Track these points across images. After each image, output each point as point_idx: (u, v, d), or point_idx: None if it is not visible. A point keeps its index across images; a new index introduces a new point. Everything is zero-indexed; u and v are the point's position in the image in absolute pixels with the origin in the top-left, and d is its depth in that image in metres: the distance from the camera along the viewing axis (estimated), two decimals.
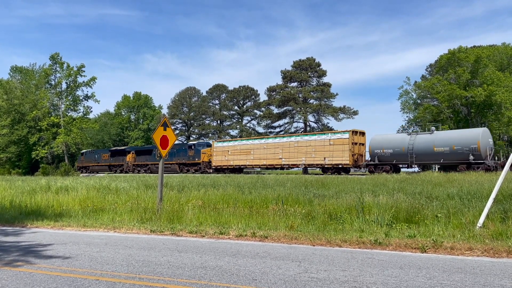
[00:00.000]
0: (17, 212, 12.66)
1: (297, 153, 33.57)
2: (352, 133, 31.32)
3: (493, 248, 6.52)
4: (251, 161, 37.03)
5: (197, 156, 41.80)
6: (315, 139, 32.98)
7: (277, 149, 35.09)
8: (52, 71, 54.08)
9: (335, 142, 31.31)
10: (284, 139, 35.80)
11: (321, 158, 32.07)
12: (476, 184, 13.71)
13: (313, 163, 32.90)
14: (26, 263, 5.93)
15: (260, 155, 36.31)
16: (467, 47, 48.01)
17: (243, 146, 37.94)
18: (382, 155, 29.43)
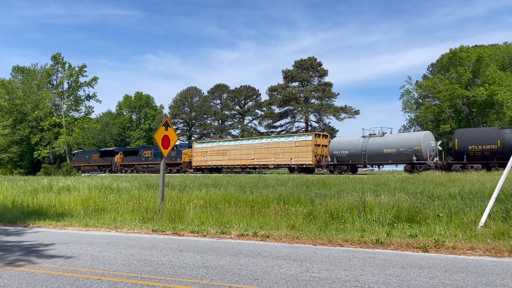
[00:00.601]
0: (19, 212, 12.69)
1: (267, 154, 35.74)
2: (315, 135, 33.71)
3: (495, 248, 6.51)
4: (227, 161, 39.25)
5: (179, 156, 43.61)
6: (283, 141, 35.33)
7: (250, 150, 37.29)
8: (54, 71, 54.22)
9: (300, 144, 33.54)
10: (256, 141, 38.00)
11: (288, 159, 34.25)
12: (478, 184, 13.69)
13: (281, 163, 35.15)
14: (28, 263, 5.95)
15: (235, 155, 38.41)
16: (469, 46, 47.94)
17: (220, 148, 40.11)
18: (340, 156, 31.35)
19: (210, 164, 40.20)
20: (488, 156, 25.41)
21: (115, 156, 50.90)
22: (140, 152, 47.81)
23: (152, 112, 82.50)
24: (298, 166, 33.45)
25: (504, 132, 25.25)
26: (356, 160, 30.57)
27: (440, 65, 50.48)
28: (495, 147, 24.95)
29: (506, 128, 26.42)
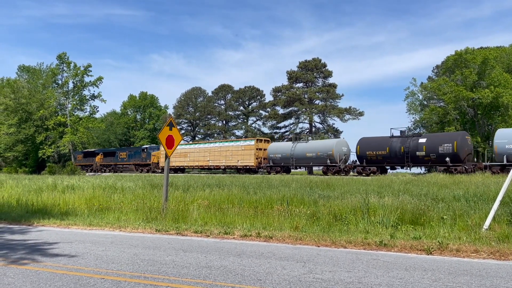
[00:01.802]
0: (24, 211, 12.76)
1: (219, 157, 40.53)
2: (257, 140, 38.86)
3: (499, 251, 6.48)
4: (187, 162, 43.78)
5: (148, 158, 48.15)
6: (232, 145, 40.29)
7: (206, 153, 42.19)
8: (59, 70, 54.42)
9: (245, 148, 38.34)
10: (211, 145, 43.17)
11: (236, 161, 39.01)
12: (482, 186, 13.63)
13: (230, 164, 39.74)
14: (32, 261, 5.98)
15: (194, 157, 43.16)
16: (474, 48, 47.71)
17: (182, 150, 43.83)
18: (275, 158, 36.35)
19: (174, 165, 43.83)
20: (381, 160, 30.29)
21: (96, 156, 55.07)
22: (117, 153, 52.44)
23: (156, 112, 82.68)
24: (243, 167, 38.10)
25: (392, 140, 30.18)
26: (287, 162, 35.55)
27: (445, 66, 50.26)
28: (385, 153, 29.88)
29: (393, 137, 30.92)
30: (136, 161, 49.94)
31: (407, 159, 28.67)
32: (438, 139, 28.31)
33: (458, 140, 27.01)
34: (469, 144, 27.95)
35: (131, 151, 51.82)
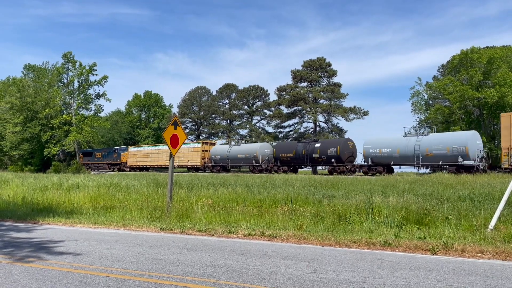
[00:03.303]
0: (29, 209, 12.83)
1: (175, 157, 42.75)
2: (203, 143, 44.60)
3: (505, 251, 6.45)
4: (149, 162, 48.89)
5: (118, 158, 53.65)
6: (184, 147, 44.41)
7: (163, 154, 46.87)
8: (65, 69, 54.69)
9: (194, 149, 44.06)
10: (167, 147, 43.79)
11: (186, 160, 44.62)
12: (487, 186, 13.57)
13: (182, 164, 45.02)
14: (37, 259, 6.01)
15: (154, 158, 48.39)
16: (480, 47, 47.43)
17: (144, 151, 50.28)
18: (216, 159, 42.37)
19: (139, 164, 49.82)
20: (290, 161, 36.51)
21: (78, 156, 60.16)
22: (93, 154, 56.69)
23: (161, 111, 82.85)
24: (192, 166, 44.13)
25: (297, 145, 36.89)
26: (224, 162, 41.22)
27: (450, 66, 50.02)
28: (292, 155, 36.12)
29: (299, 142, 38.89)
30: (108, 161, 54.92)
31: (307, 160, 35.22)
32: (327, 144, 34.93)
33: (341, 145, 33.43)
34: (350, 149, 33.65)
35: (105, 151, 56.54)
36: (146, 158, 49.22)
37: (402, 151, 28.69)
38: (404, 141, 29.01)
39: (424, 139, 28.12)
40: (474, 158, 25.47)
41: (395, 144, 29.57)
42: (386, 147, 29.87)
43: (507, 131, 23.74)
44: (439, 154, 26.77)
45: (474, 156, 25.50)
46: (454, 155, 26.03)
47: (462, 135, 27.68)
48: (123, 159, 53.03)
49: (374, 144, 30.53)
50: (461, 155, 25.71)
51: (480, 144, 26.97)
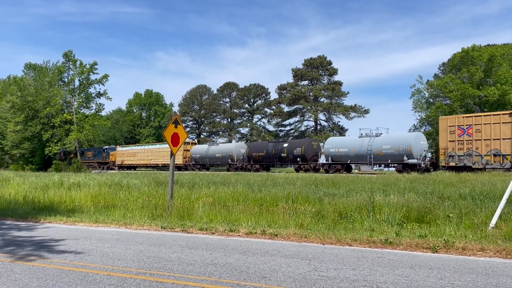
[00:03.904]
0: (31, 208, 12.85)
1: (158, 156, 48.63)
2: (185, 143, 44.99)
3: (506, 249, 6.45)
4: (136, 161, 51.61)
5: (107, 157, 56.22)
6: (167, 146, 44.19)
7: (148, 153, 50.12)
8: (65, 68, 54.60)
9: None
10: (152, 146, 51.51)
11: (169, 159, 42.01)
12: (488, 185, 13.56)
13: (165, 162, 46.41)
14: (39, 258, 6.03)
15: (140, 157, 51.35)
16: (481, 45, 47.33)
17: (131, 151, 53.39)
18: (196, 158, 45.09)
19: (127, 163, 52.48)
20: (261, 160, 39.01)
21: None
22: (85, 153, 59.16)
23: (161, 110, 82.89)
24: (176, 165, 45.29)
25: (268, 145, 39.58)
26: (203, 161, 44.12)
27: (451, 64, 49.93)
28: (264, 154, 38.68)
29: (270, 142, 41.55)
30: (98, 160, 57.38)
31: (276, 159, 37.51)
32: (293, 144, 37.08)
33: (305, 145, 35.82)
34: (314, 149, 35.66)
35: (95, 151, 58.63)
36: (133, 157, 52.03)
37: (357, 151, 31.09)
38: (359, 141, 31.38)
39: (375, 139, 30.45)
40: (418, 157, 28.04)
41: (351, 144, 31.94)
42: (344, 147, 32.28)
43: (444, 133, 26.37)
44: (388, 153, 29.31)
45: (417, 156, 28.05)
46: (400, 154, 28.48)
47: (407, 136, 30.54)
48: (112, 158, 55.21)
49: (333, 144, 32.98)
50: (406, 154, 28.25)
51: (424, 144, 29.31)
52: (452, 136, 26.10)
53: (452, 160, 26.04)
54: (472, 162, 25.07)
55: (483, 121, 25.15)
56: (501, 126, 24.19)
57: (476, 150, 25.00)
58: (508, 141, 23.68)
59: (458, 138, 25.81)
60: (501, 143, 24.01)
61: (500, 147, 23.99)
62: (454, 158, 25.88)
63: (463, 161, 25.50)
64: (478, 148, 24.95)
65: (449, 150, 26.15)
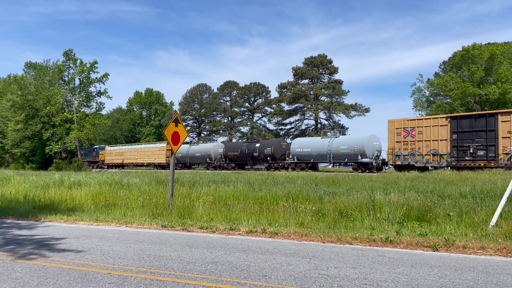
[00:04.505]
0: (31, 206, 12.86)
1: (143, 155, 51.01)
2: (167, 143, 49.12)
3: (506, 248, 6.45)
4: (124, 160, 53.45)
5: (97, 156, 58.12)
6: (151, 146, 50.93)
7: (134, 152, 52.37)
8: (66, 67, 54.58)
9: (160, 149, 48.74)
10: (138, 146, 54.07)
11: (153, 158, 49.50)
12: (489, 183, 13.55)
13: (150, 161, 49.70)
14: (39, 256, 6.03)
15: (127, 156, 53.42)
16: (481, 44, 47.31)
17: (119, 150, 55.23)
18: (178, 157, 45.89)
19: (115, 162, 54.43)
20: (236, 159, 40.86)
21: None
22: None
23: (162, 109, 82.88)
24: (158, 164, 48.70)
25: (242, 145, 41.92)
26: (184, 160, 46.53)
27: (452, 63, 49.92)
28: (238, 154, 40.73)
29: (244, 142, 44.77)
30: (89, 159, 58.54)
31: (249, 158, 39.73)
32: (264, 144, 39.57)
33: (275, 145, 38.26)
34: (283, 148, 37.77)
35: (86, 150, 59.87)
36: (120, 156, 54.20)
37: (318, 151, 33.72)
38: (321, 142, 34.22)
39: (335, 140, 33.29)
40: (370, 156, 30.54)
41: (314, 144, 34.56)
42: (308, 147, 34.82)
43: (392, 135, 28.63)
44: (345, 153, 32.06)
45: (370, 155, 30.55)
46: (355, 154, 31.11)
47: (361, 137, 32.44)
48: (101, 157, 56.89)
49: (299, 145, 35.61)
50: (360, 154, 30.86)
51: (377, 145, 31.58)
52: (399, 138, 28.21)
53: (398, 159, 28.31)
54: (415, 161, 27.42)
55: (424, 124, 27.34)
56: (439, 129, 26.46)
57: (418, 150, 27.26)
58: (445, 142, 26.09)
59: (403, 139, 27.98)
60: (438, 144, 26.38)
61: (438, 147, 26.36)
62: (400, 157, 28.14)
63: (408, 160, 27.82)
64: (420, 148, 27.19)
65: (396, 150, 28.29)
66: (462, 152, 25.34)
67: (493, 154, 24.20)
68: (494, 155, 24.14)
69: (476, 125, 25.02)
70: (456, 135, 25.58)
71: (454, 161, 25.66)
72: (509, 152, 23.42)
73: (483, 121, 24.76)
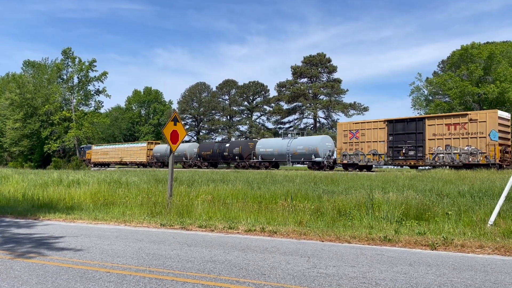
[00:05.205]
0: (30, 205, 12.85)
1: (126, 155, 53.34)
2: (148, 143, 52.31)
3: (504, 246, 6.47)
4: (108, 159, 55.69)
5: (84, 155, 59.43)
6: (133, 146, 53.92)
7: (118, 152, 54.82)
8: (64, 65, 54.53)
9: (141, 148, 51.97)
10: (121, 146, 56.41)
11: (135, 157, 52.25)
12: (487, 182, 13.58)
13: (133, 160, 52.52)
14: (38, 255, 6.03)
15: (111, 155, 55.58)
16: (480, 43, 47.35)
17: (104, 149, 57.54)
18: (157, 156, 49.17)
19: (100, 161, 56.45)
20: (209, 158, 43.45)
21: None
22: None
23: (161, 107, 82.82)
24: (140, 162, 51.56)
25: (214, 145, 43.99)
26: (163, 159, 47.82)
27: (451, 62, 49.94)
28: (210, 153, 42.97)
29: (216, 142, 46.13)
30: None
31: (220, 157, 42.08)
32: (233, 144, 41.95)
33: (242, 145, 40.62)
34: (250, 148, 39.58)
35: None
36: (105, 156, 56.25)
37: (279, 151, 36.57)
38: (281, 142, 37.13)
39: (293, 141, 36.04)
40: (323, 156, 33.40)
41: (275, 145, 37.46)
42: (270, 147, 37.66)
43: (340, 136, 31.39)
44: (301, 153, 34.81)
45: (322, 155, 33.41)
46: (310, 153, 33.81)
47: (315, 139, 35.82)
48: (88, 156, 58.58)
49: (263, 145, 38.61)
50: (314, 154, 33.63)
51: (330, 145, 34.31)
52: (345, 139, 30.92)
53: (345, 159, 30.99)
54: (358, 160, 30.16)
55: (366, 127, 29.98)
56: (378, 131, 29.13)
57: (361, 150, 30.02)
58: (383, 143, 28.78)
59: (349, 140, 30.72)
60: (378, 145, 29.11)
61: (377, 148, 29.08)
62: (346, 156, 30.94)
63: (353, 159, 30.53)
64: (362, 149, 29.94)
65: (343, 150, 31.03)
66: (396, 152, 28.06)
67: (421, 153, 26.98)
68: (422, 154, 26.89)
69: (408, 128, 27.77)
70: (392, 137, 28.30)
71: (390, 160, 28.58)
72: (434, 152, 26.37)
73: (413, 125, 27.52)
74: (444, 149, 25.89)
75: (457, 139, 25.37)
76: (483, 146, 24.22)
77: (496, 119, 24.12)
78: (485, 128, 24.17)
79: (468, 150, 24.82)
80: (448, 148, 25.74)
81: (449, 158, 25.68)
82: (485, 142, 24.15)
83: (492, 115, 24.42)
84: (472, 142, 24.71)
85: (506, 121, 25.32)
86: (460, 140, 25.23)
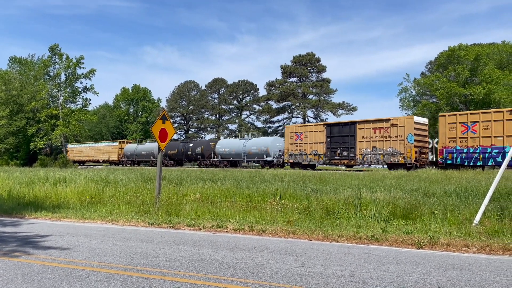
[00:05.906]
0: (15, 203, 12.67)
1: (100, 153, 54.91)
2: (120, 142, 54.06)
3: (489, 245, 6.57)
4: (83, 157, 57.09)
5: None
6: (106, 145, 55.21)
7: (92, 150, 56.17)
8: (51, 62, 53.82)
9: (113, 147, 53.37)
10: (95, 144, 57.78)
11: (107, 156, 53.41)
12: (473, 182, 13.77)
13: (106, 158, 53.52)
14: (24, 254, 5.95)
15: (86, 153, 57.07)
16: (467, 44, 47.95)
17: (79, 148, 58.92)
18: (127, 155, 50.97)
19: (76, 159, 56.89)
20: (174, 157, 44.89)
21: None
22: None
23: (149, 105, 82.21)
24: (112, 160, 52.72)
25: (179, 144, 45.56)
26: (133, 158, 49.95)
27: (438, 63, 50.48)
28: (175, 152, 44.43)
29: (180, 142, 48.29)
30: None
31: (184, 156, 43.93)
32: (196, 144, 43.99)
33: (204, 145, 42.71)
34: (211, 148, 41.77)
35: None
36: (80, 154, 57.56)
37: (236, 150, 38.93)
38: (238, 143, 39.64)
39: (248, 142, 38.69)
40: (273, 156, 36.13)
41: (232, 145, 39.85)
42: (228, 147, 39.94)
43: (287, 138, 34.12)
44: (254, 153, 37.42)
45: (273, 155, 36.16)
46: (262, 153, 36.53)
47: (266, 140, 38.96)
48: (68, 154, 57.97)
49: (222, 145, 40.88)
50: (265, 153, 36.32)
51: (280, 146, 36.44)
52: (292, 140, 33.60)
53: (291, 158, 33.61)
54: (302, 160, 32.80)
55: (309, 130, 32.91)
56: (318, 134, 31.83)
57: (304, 151, 32.72)
58: (322, 144, 31.55)
59: (295, 142, 33.38)
60: (318, 146, 31.81)
61: (318, 148, 31.78)
62: (292, 156, 33.47)
63: (297, 159, 33.11)
64: (305, 150, 32.66)
65: (290, 151, 33.68)
66: (333, 153, 30.84)
67: (353, 154, 29.78)
68: (354, 155, 29.71)
69: (342, 131, 30.56)
70: (330, 139, 31.06)
71: (328, 160, 31.33)
72: (363, 153, 29.09)
73: (347, 128, 30.30)
74: (371, 150, 28.67)
75: (382, 141, 28.27)
76: (402, 148, 27.08)
77: (412, 124, 27.01)
78: (404, 132, 27.08)
79: (390, 151, 27.69)
80: (374, 150, 28.56)
81: (375, 159, 28.55)
82: (404, 144, 27.01)
83: (409, 120, 27.47)
84: (394, 144, 27.61)
85: (422, 125, 28.20)
86: (384, 142, 28.11)
